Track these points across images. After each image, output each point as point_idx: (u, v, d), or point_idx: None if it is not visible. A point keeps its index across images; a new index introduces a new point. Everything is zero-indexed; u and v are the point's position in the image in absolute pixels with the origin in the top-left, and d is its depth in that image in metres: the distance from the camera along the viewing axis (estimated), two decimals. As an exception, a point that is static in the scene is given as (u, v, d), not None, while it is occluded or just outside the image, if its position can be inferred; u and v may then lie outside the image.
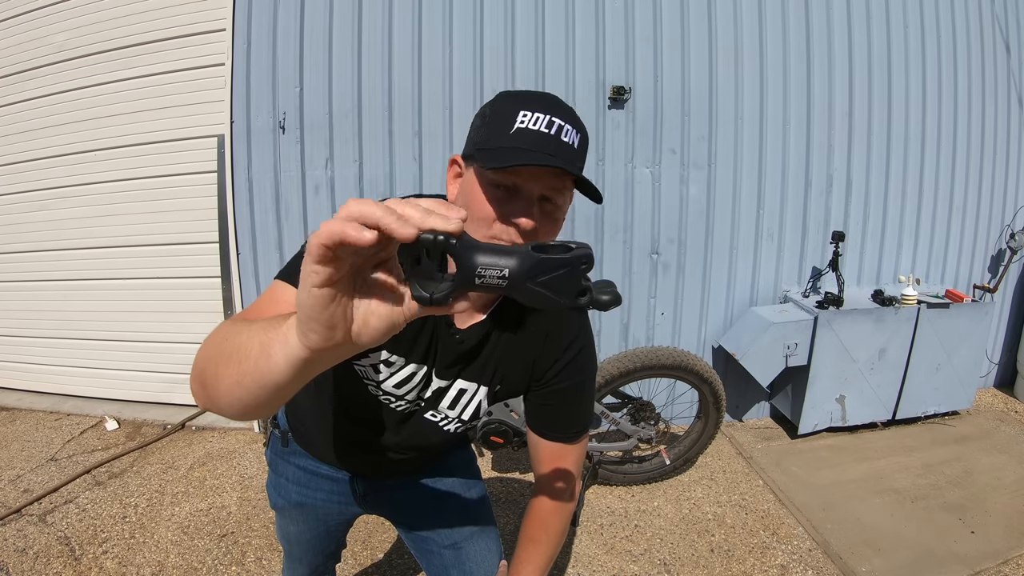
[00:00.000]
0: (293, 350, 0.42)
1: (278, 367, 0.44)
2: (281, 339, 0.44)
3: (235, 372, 0.49)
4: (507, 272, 0.38)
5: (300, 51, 2.59)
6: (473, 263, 0.38)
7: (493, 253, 0.38)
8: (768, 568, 2.01)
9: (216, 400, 0.54)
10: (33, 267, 3.18)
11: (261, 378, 0.46)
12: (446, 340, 0.84)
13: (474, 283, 0.38)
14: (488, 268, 0.38)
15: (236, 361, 0.49)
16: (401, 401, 0.88)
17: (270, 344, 0.45)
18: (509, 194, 0.70)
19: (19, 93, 3.02)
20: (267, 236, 2.73)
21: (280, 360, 0.44)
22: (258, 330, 0.48)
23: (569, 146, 0.71)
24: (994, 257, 3.38)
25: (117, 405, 3.16)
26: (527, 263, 0.38)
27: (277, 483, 1.13)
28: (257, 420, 0.65)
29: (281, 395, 0.49)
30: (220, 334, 0.57)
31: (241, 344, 0.49)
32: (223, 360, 0.51)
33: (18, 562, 1.97)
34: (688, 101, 2.79)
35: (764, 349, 2.67)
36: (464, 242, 0.38)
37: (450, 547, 1.10)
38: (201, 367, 0.57)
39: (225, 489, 2.44)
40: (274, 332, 0.45)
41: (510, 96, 0.74)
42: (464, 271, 0.38)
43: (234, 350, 0.50)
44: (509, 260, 0.38)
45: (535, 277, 0.38)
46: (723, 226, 2.91)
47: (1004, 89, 3.22)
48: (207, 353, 0.56)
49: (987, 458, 2.70)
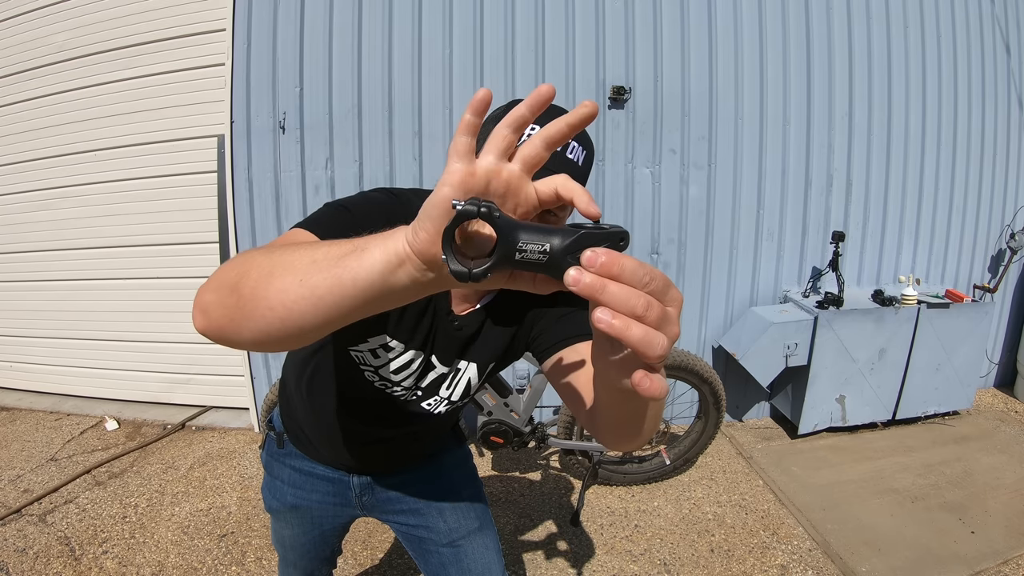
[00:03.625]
0: (394, 244, 0.42)
1: (368, 260, 0.42)
2: (381, 239, 0.43)
3: (303, 270, 0.46)
4: (549, 248, 0.38)
5: (300, 51, 2.59)
6: (515, 238, 0.38)
7: (535, 230, 0.38)
8: (768, 568, 2.01)
9: (250, 308, 0.48)
10: (33, 267, 3.18)
11: (341, 272, 0.44)
12: (445, 327, 0.85)
13: (514, 259, 0.38)
14: (530, 243, 0.38)
15: (308, 260, 0.46)
16: (397, 387, 0.89)
17: (368, 242, 0.44)
18: None
19: (19, 93, 3.02)
20: (267, 236, 2.73)
21: (376, 254, 0.42)
22: (331, 245, 0.46)
23: (573, 164, 0.70)
24: (994, 257, 3.38)
25: (117, 405, 3.16)
26: (568, 238, 0.37)
27: (272, 485, 1.13)
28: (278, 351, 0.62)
29: (346, 304, 0.45)
30: (262, 251, 0.52)
31: (316, 247, 0.47)
32: (286, 261, 0.48)
33: (18, 562, 1.97)
34: (688, 101, 2.79)
35: (764, 349, 2.67)
36: (505, 217, 0.38)
37: (448, 545, 1.09)
38: (235, 273, 0.50)
39: (225, 489, 2.44)
40: (366, 241, 0.44)
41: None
42: (505, 246, 0.38)
43: (307, 251, 0.47)
44: (551, 236, 0.38)
45: (574, 252, 0.37)
46: (723, 226, 2.91)
47: (1004, 90, 3.22)
48: (246, 264, 0.51)
49: (987, 458, 2.70)
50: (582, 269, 0.35)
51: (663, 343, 0.35)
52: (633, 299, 0.34)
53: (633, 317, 0.34)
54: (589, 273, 0.34)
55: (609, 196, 2.81)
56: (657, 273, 0.36)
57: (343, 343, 0.86)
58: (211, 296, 0.52)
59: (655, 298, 0.36)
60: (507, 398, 2.24)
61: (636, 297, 0.35)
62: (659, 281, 0.36)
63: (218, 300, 0.51)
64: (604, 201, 2.81)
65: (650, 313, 0.35)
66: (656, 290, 0.36)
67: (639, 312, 0.34)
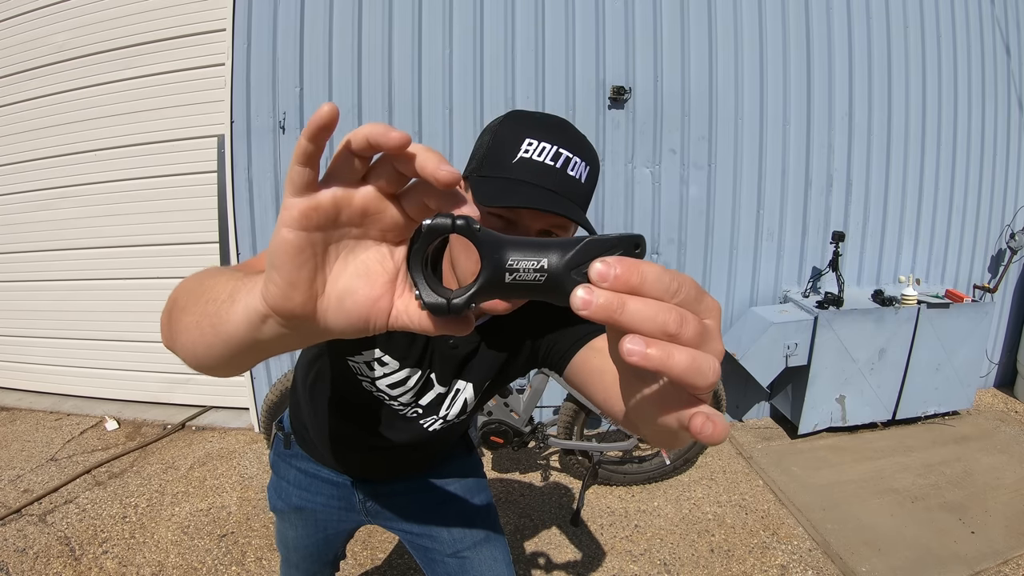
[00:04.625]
0: (253, 300, 0.37)
1: (236, 315, 0.39)
2: (248, 287, 0.39)
3: (198, 312, 0.45)
4: (546, 264, 0.30)
5: (300, 51, 2.59)
6: (503, 257, 0.31)
7: (526, 245, 0.31)
8: (768, 568, 2.01)
9: (174, 337, 0.50)
10: (33, 267, 3.18)
11: (217, 323, 0.42)
12: (441, 347, 0.83)
13: (504, 282, 0.31)
14: (521, 261, 0.30)
15: (203, 301, 0.45)
16: (394, 402, 0.88)
17: (237, 291, 0.41)
18: (506, 224, 0.66)
19: (19, 93, 3.02)
20: (267, 236, 2.73)
21: (239, 308, 0.39)
22: (235, 276, 0.45)
23: (575, 181, 0.65)
24: (994, 257, 3.38)
25: (117, 405, 3.16)
26: (569, 250, 0.30)
27: (278, 486, 1.12)
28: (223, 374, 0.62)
29: (231, 353, 0.43)
30: (200, 273, 0.53)
31: (213, 285, 0.45)
32: (192, 297, 0.47)
33: (18, 562, 1.97)
34: (688, 101, 2.79)
35: (764, 349, 2.67)
36: (487, 232, 0.31)
37: (453, 556, 1.07)
38: (172, 299, 0.52)
39: (225, 489, 2.44)
40: (247, 280, 0.41)
41: (518, 118, 0.69)
42: (492, 267, 0.31)
43: (205, 289, 0.46)
44: (546, 251, 0.30)
45: (579, 267, 0.30)
46: (723, 226, 2.91)
47: (1004, 90, 3.22)
48: (182, 287, 0.52)
49: (987, 458, 2.70)
50: (591, 287, 0.27)
51: (714, 367, 0.28)
52: (663, 314, 0.27)
53: (665, 337, 0.27)
54: (602, 290, 0.27)
55: (609, 196, 2.81)
56: (685, 278, 0.29)
57: (339, 352, 0.85)
58: (161, 317, 0.53)
59: (687, 309, 0.29)
60: (507, 398, 2.24)
61: (665, 311, 0.27)
62: (689, 288, 0.29)
63: (162, 323, 0.53)
64: (604, 201, 2.81)
65: (686, 329, 0.27)
66: (687, 299, 0.29)
67: (672, 330, 0.27)
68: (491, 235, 0.31)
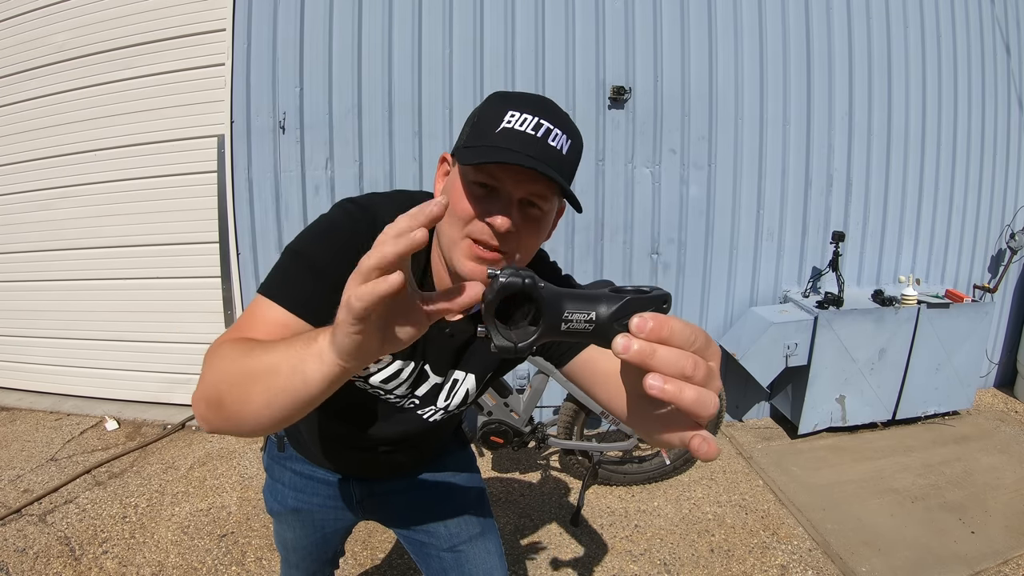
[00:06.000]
0: (330, 368, 0.46)
1: (315, 384, 0.48)
2: (315, 358, 0.47)
3: (264, 392, 0.51)
4: (595, 316, 0.38)
5: (300, 51, 2.59)
6: (560, 308, 0.38)
7: (580, 299, 0.38)
8: (768, 568, 2.01)
9: (239, 421, 0.56)
10: (33, 267, 3.18)
11: (295, 395, 0.50)
12: (436, 335, 0.83)
13: (560, 329, 0.38)
14: (575, 313, 0.38)
15: (264, 383, 0.51)
16: (390, 396, 0.88)
17: (303, 364, 0.48)
18: (489, 193, 0.67)
19: (19, 93, 3.02)
20: (267, 236, 2.73)
21: (318, 378, 0.48)
22: (282, 351, 0.51)
23: (556, 151, 0.66)
24: (994, 257, 3.38)
25: (117, 405, 3.16)
26: (613, 305, 0.37)
27: (274, 488, 1.12)
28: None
29: (309, 409, 0.52)
30: (230, 356, 0.57)
31: (267, 366, 0.52)
32: (247, 382, 0.53)
33: (18, 562, 1.97)
34: (688, 101, 2.79)
35: (764, 349, 2.67)
36: (549, 288, 0.38)
37: (449, 550, 1.08)
38: (215, 390, 0.57)
39: (225, 489, 2.44)
40: (305, 351, 0.48)
41: (501, 96, 0.70)
42: (552, 318, 0.38)
43: (259, 372, 0.52)
44: (596, 305, 0.38)
45: (621, 319, 0.37)
46: (723, 226, 2.91)
47: (1004, 90, 3.22)
48: (220, 376, 0.57)
49: (987, 458, 2.70)
50: (630, 336, 0.34)
51: (714, 401, 0.36)
52: (682, 361, 0.35)
53: (682, 377, 0.35)
54: (638, 340, 0.34)
55: (609, 196, 2.81)
56: (699, 330, 0.37)
57: None
58: (201, 407, 0.59)
59: (700, 355, 0.36)
60: (507, 398, 2.24)
61: (684, 359, 0.35)
62: (702, 338, 0.37)
63: (206, 413, 0.58)
64: (604, 201, 2.81)
65: (698, 372, 0.35)
66: (700, 347, 0.36)
67: (688, 373, 0.35)
68: (552, 291, 0.38)
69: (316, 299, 0.68)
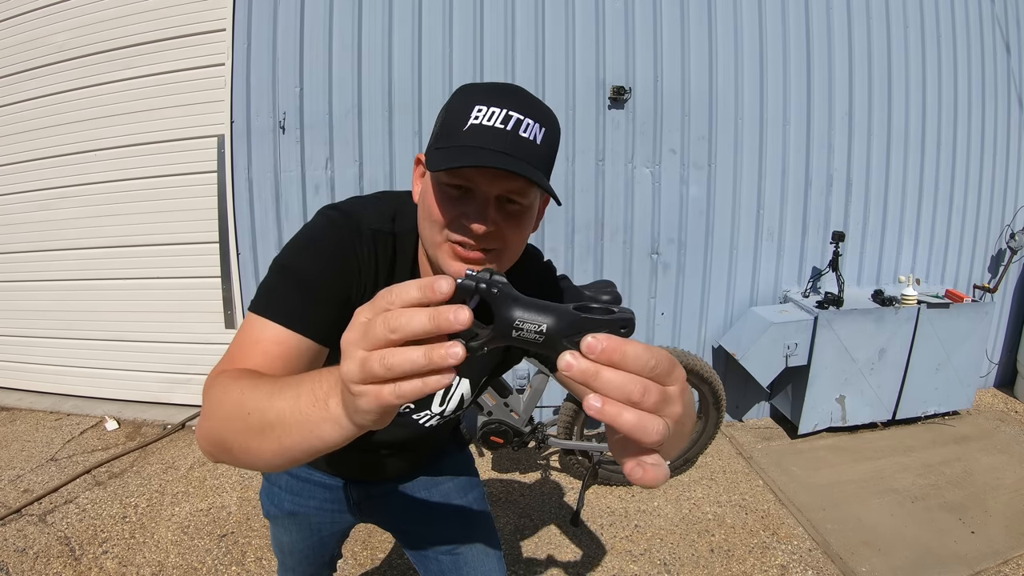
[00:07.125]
0: (350, 432, 0.44)
1: (333, 440, 0.46)
2: (332, 423, 0.45)
3: (276, 445, 0.49)
4: (544, 328, 0.37)
5: (300, 51, 2.59)
6: (511, 316, 0.38)
7: (533, 308, 0.38)
8: (768, 568, 2.01)
9: (248, 464, 0.55)
10: (33, 267, 3.18)
11: (311, 449, 0.48)
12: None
13: (510, 335, 0.38)
14: (526, 322, 0.38)
15: (275, 436, 0.49)
16: None
17: (319, 428, 0.46)
18: (464, 194, 0.65)
19: (19, 93, 3.02)
20: (267, 236, 2.73)
21: (336, 438, 0.45)
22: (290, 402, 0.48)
23: (529, 143, 0.64)
24: (994, 257, 3.38)
25: (117, 405, 3.16)
26: (565, 321, 0.37)
27: (270, 491, 1.12)
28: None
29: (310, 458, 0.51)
30: (232, 398, 0.55)
31: (275, 419, 0.49)
32: (254, 434, 0.51)
33: (18, 562, 1.97)
34: (688, 101, 2.79)
35: (764, 349, 2.67)
36: (504, 293, 0.38)
37: (447, 552, 1.08)
38: (220, 436, 0.55)
39: (225, 489, 2.44)
40: (316, 412, 0.46)
41: (467, 90, 0.67)
42: (501, 323, 0.38)
43: (267, 424, 0.50)
44: (548, 317, 0.37)
45: (572, 336, 0.37)
46: (723, 226, 2.91)
47: (1004, 89, 3.22)
48: (223, 421, 0.55)
49: (987, 458, 2.70)
50: (577, 355, 0.34)
51: (658, 428, 0.34)
52: (629, 385, 0.34)
53: (628, 403, 0.34)
54: (584, 359, 0.34)
55: (609, 196, 2.81)
56: (662, 354, 0.35)
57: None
58: (208, 447, 0.58)
59: (659, 381, 0.35)
60: (507, 398, 2.24)
61: (632, 383, 0.34)
62: (664, 363, 0.35)
63: (214, 452, 0.58)
64: (604, 201, 2.81)
65: (647, 398, 0.34)
66: (661, 372, 0.35)
67: (635, 399, 0.34)
68: (507, 296, 0.38)
69: (307, 312, 0.68)
